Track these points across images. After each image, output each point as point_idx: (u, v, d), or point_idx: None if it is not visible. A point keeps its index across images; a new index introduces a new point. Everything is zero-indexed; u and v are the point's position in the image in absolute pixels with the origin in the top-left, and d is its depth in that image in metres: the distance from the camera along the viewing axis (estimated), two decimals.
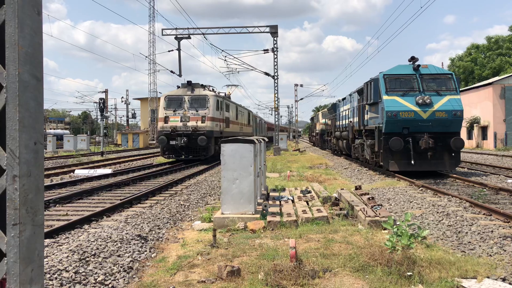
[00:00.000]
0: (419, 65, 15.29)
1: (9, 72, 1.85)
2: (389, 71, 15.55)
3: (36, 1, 1.95)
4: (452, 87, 15.01)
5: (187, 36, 29.64)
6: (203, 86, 23.99)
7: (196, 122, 22.15)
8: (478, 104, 39.74)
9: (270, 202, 9.10)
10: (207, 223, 7.77)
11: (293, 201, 9.39)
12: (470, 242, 6.39)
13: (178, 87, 24.03)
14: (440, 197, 10.56)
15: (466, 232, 6.92)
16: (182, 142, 21.85)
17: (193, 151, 22.48)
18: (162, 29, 30.09)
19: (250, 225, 7.05)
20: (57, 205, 10.03)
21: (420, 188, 12.08)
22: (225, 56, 31.58)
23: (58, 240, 6.63)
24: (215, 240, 6.17)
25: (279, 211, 8.06)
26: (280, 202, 9.21)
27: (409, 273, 4.64)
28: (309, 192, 10.55)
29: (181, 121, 22.25)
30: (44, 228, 2.06)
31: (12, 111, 1.84)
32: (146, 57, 51.81)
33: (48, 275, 4.74)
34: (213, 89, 25.77)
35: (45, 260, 5.25)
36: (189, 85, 23.34)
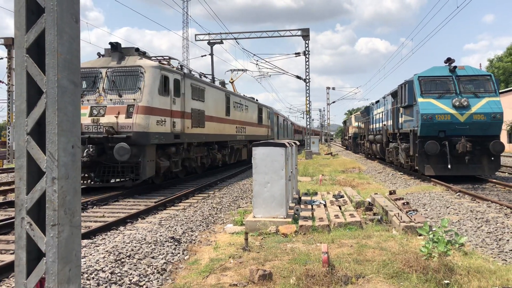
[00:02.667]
0: (455, 67, 14.87)
1: (48, 78, 1.92)
2: (424, 73, 15.18)
3: (74, 9, 2.02)
4: (491, 88, 14.50)
5: (219, 41, 29.96)
6: (139, 52, 13.48)
7: (117, 117, 11.98)
8: None
9: (302, 206, 9.04)
10: (239, 226, 7.80)
11: (325, 205, 9.29)
12: (511, 250, 6.13)
13: (100, 55, 13.54)
14: (478, 202, 10.20)
15: (508, 240, 6.65)
16: (85, 155, 11.97)
17: (111, 171, 12.46)
18: (195, 35, 30.57)
19: (282, 229, 7.02)
20: (94, 206, 10.31)
21: (457, 193, 11.70)
22: (257, 60, 31.68)
23: (95, 241, 6.82)
24: (247, 243, 6.18)
25: (311, 216, 8.00)
26: (312, 206, 9.14)
27: (446, 281, 4.49)
28: (342, 196, 10.41)
29: (90, 115, 12.14)
30: (81, 229, 2.12)
31: (52, 115, 1.91)
32: (180, 62, 52.47)
33: (86, 275, 4.88)
34: (163, 59, 14.66)
35: (83, 260, 5.40)
36: (115, 50, 13.00)
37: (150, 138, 12.26)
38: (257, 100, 27.92)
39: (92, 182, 12.66)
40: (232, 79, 27.97)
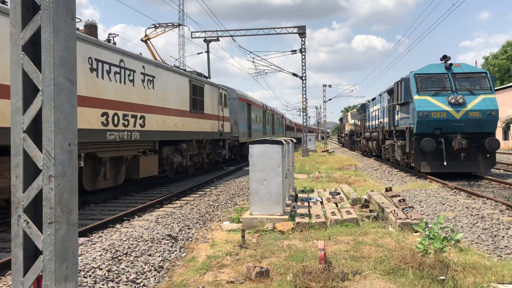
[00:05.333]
0: (451, 64, 14.91)
1: (45, 76, 1.91)
2: (420, 70, 15.22)
3: (70, 6, 2.01)
4: (487, 86, 14.56)
5: (215, 38, 29.90)
6: None
7: None
8: None
9: (299, 203, 9.06)
10: (235, 223, 7.81)
11: (322, 202, 9.31)
12: (507, 246, 6.17)
13: None
14: (474, 199, 10.25)
15: (503, 236, 6.69)
16: None
17: None
18: (192, 32, 30.51)
19: (279, 226, 7.04)
20: (91, 204, 10.29)
21: (453, 190, 11.75)
22: (253, 58, 31.66)
23: (92, 239, 6.81)
24: (244, 240, 6.19)
25: (307, 213, 8.01)
26: (308, 203, 9.16)
27: (442, 278, 4.52)
28: (338, 193, 10.43)
29: None
30: (78, 227, 2.12)
31: (48, 113, 1.90)
32: (176, 59, 52.18)
33: (83, 273, 4.87)
34: None
35: (79, 258, 5.40)
36: None
37: None
38: (207, 77, 17.92)
39: None
40: (147, 35, 16.53)
